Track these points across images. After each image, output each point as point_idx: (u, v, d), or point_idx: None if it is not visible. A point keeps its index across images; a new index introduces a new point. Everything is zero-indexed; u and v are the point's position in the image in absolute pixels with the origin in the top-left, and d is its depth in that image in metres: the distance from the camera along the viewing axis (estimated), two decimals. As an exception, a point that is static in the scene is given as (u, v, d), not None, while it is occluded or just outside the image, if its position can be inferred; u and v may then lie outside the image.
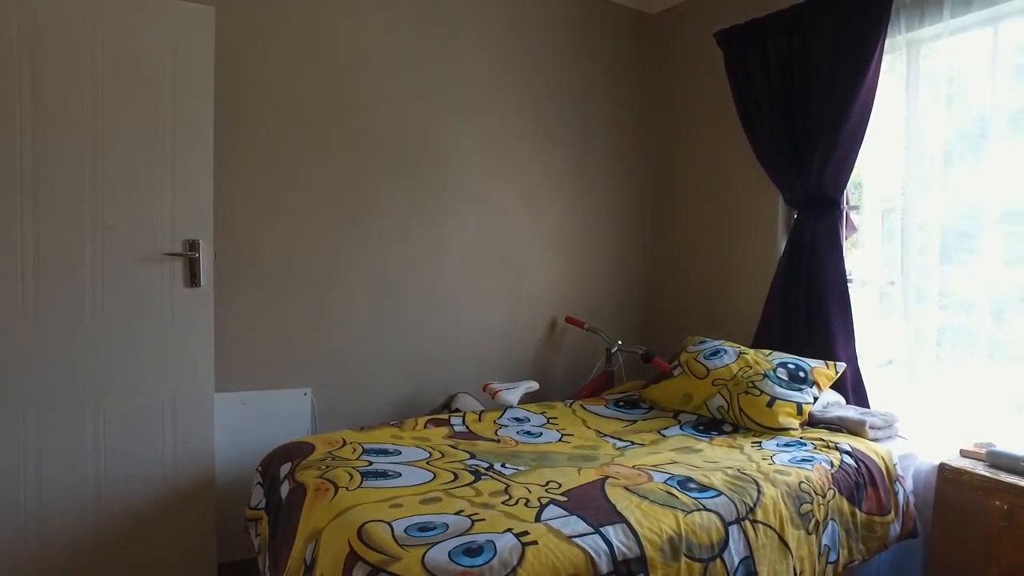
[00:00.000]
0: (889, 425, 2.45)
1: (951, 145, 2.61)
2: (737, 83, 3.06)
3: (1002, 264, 2.48)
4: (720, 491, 1.78)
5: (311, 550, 1.55)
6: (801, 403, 2.43)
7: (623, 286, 3.59)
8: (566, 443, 2.26)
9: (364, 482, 1.78)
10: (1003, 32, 2.38)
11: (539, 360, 3.30)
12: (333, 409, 2.74)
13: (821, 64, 2.71)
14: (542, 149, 3.28)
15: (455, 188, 3.02)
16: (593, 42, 3.44)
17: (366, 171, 2.80)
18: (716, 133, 3.31)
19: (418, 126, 2.91)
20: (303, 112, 2.65)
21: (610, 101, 3.51)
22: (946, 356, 2.64)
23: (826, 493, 1.98)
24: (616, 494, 1.71)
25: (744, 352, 2.67)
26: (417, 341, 2.95)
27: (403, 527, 1.50)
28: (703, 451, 2.17)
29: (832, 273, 2.73)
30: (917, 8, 2.52)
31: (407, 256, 2.91)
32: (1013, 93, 2.46)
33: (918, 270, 2.59)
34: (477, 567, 1.34)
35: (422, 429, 2.37)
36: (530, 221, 3.26)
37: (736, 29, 3.03)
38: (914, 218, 2.60)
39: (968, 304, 2.52)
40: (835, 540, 1.97)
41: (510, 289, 3.21)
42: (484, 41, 3.08)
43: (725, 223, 3.30)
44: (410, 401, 2.95)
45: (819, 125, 2.72)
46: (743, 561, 1.69)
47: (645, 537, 1.54)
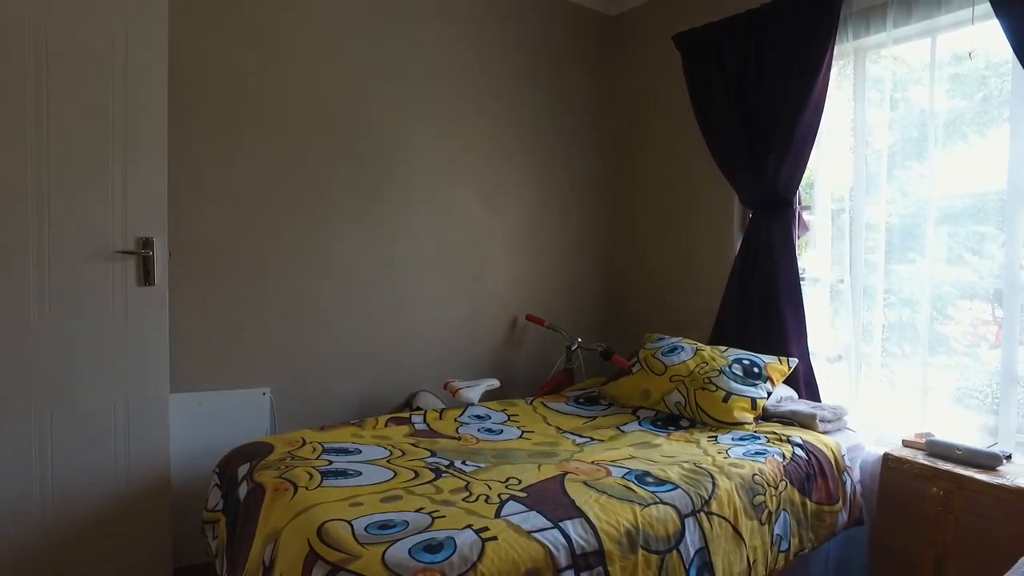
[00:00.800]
0: (838, 418, 2.54)
1: (896, 148, 2.72)
2: (694, 85, 3.13)
3: (944, 263, 2.60)
4: (676, 485, 1.83)
5: (270, 551, 1.54)
6: (755, 398, 2.50)
7: (583, 284, 3.63)
8: (526, 440, 2.29)
9: (324, 481, 1.77)
10: (940, 43, 2.50)
11: (500, 358, 3.32)
12: (293, 409, 2.71)
13: (774, 68, 2.79)
14: (503, 148, 3.30)
15: (415, 186, 3.02)
16: (553, 42, 3.46)
17: (325, 168, 2.77)
18: (674, 134, 3.37)
19: (378, 124, 2.90)
20: (261, 108, 2.61)
21: (570, 101, 3.54)
22: (892, 351, 2.75)
23: (778, 485, 2.04)
24: (575, 489, 1.74)
25: (701, 349, 2.73)
26: (378, 340, 2.94)
27: (363, 525, 1.50)
28: (661, 446, 2.21)
29: (785, 271, 2.81)
30: (863, 17, 2.62)
31: (367, 254, 2.89)
32: (949, 100, 2.57)
33: (866, 268, 2.69)
34: (437, 563, 1.35)
35: (383, 428, 2.36)
36: (491, 219, 3.27)
37: (693, 32, 3.10)
38: (862, 218, 2.70)
39: (912, 301, 2.62)
40: (787, 530, 2.04)
41: (471, 287, 3.22)
42: (445, 39, 3.08)
43: (683, 223, 3.37)
44: (371, 400, 2.93)
45: (773, 127, 2.80)
46: (698, 552, 1.73)
47: (603, 531, 1.57)
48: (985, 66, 2.46)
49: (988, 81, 2.47)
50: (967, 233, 2.56)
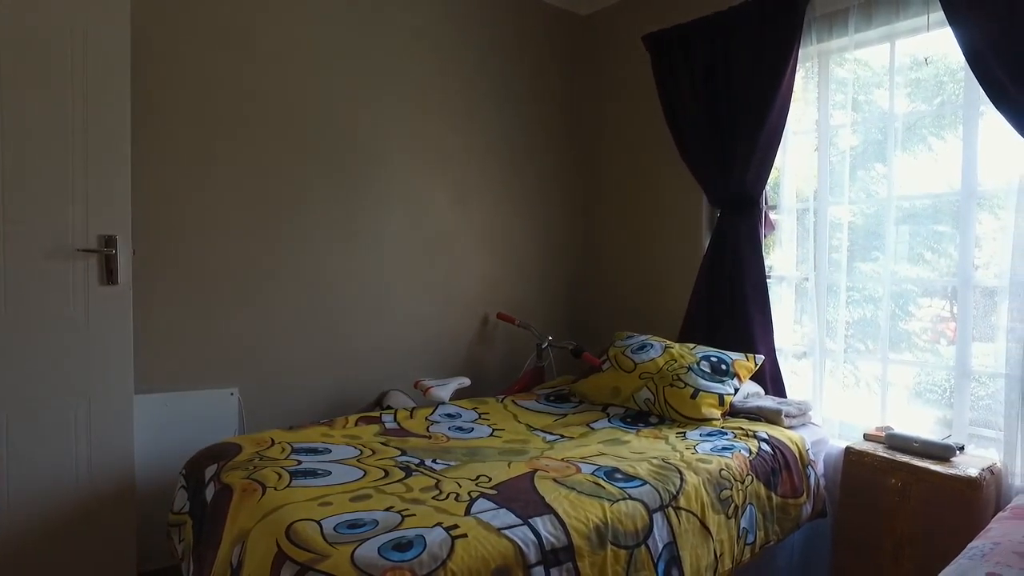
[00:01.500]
0: (803, 413, 2.60)
1: (859, 150, 2.79)
2: (663, 85, 3.16)
3: (905, 262, 2.67)
4: (645, 480, 1.85)
5: (238, 552, 1.53)
6: (723, 394, 2.55)
7: (554, 283, 3.65)
8: (497, 438, 2.29)
9: (293, 481, 1.76)
10: (899, 48, 2.56)
11: (471, 356, 3.32)
12: (261, 409, 2.68)
13: (741, 69, 2.83)
14: (474, 147, 3.30)
15: (386, 184, 3.00)
16: (525, 41, 3.47)
17: (294, 166, 2.74)
18: (644, 134, 3.40)
19: (348, 122, 2.87)
20: (232, 107, 2.57)
21: (541, 100, 3.56)
22: (855, 347, 2.82)
23: (744, 479, 2.08)
24: (545, 486, 1.76)
25: (670, 346, 2.77)
26: (348, 339, 2.92)
27: (332, 525, 1.49)
28: (630, 442, 2.24)
29: (752, 270, 2.86)
30: (827, 21, 2.67)
31: (337, 252, 2.87)
32: (910, 104, 2.65)
33: (830, 267, 2.75)
34: (407, 561, 1.35)
35: (353, 427, 2.35)
36: (462, 218, 3.27)
37: (662, 33, 3.13)
38: (826, 217, 2.75)
39: (875, 299, 2.69)
40: (753, 523, 2.08)
41: (442, 286, 3.21)
42: (416, 37, 3.07)
43: (652, 222, 3.40)
44: (341, 399, 2.91)
45: (740, 128, 2.84)
46: (667, 546, 1.76)
47: (572, 527, 1.58)
48: (943, 72, 2.54)
49: (946, 86, 2.55)
50: (927, 232, 2.64)
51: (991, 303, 2.32)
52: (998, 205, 2.33)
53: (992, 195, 2.37)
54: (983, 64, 2.16)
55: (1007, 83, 2.10)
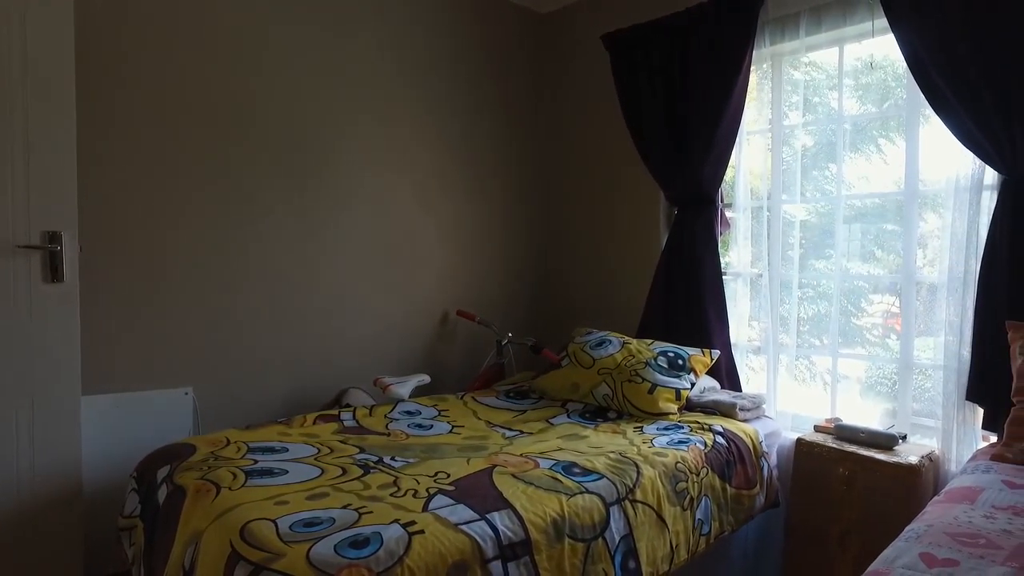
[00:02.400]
0: (757, 406, 2.66)
1: (813, 150, 2.87)
2: (622, 84, 3.20)
3: (857, 259, 2.77)
4: (602, 474, 1.88)
5: (190, 554, 1.50)
6: (680, 389, 2.59)
7: (514, 280, 3.67)
8: (456, 434, 2.30)
9: (248, 481, 1.74)
10: (847, 53, 2.65)
11: (431, 353, 3.31)
12: (217, 408, 2.63)
13: (698, 70, 2.89)
14: (434, 145, 3.29)
15: (346, 183, 2.97)
16: (485, 39, 3.47)
17: (251, 163, 2.69)
18: (603, 132, 3.44)
19: (307, 118, 2.83)
20: (184, 100, 2.51)
21: (502, 98, 3.56)
22: (809, 342, 2.90)
23: (700, 471, 2.13)
24: (503, 481, 1.77)
25: (628, 342, 2.81)
26: (306, 336, 2.88)
27: (288, 524, 1.48)
28: (588, 437, 2.27)
29: (708, 266, 2.92)
30: (779, 24, 2.74)
31: (295, 250, 2.83)
32: (859, 106, 2.74)
33: (784, 264, 2.82)
34: (363, 559, 1.35)
35: (311, 425, 2.32)
36: (422, 215, 3.26)
37: (621, 32, 3.16)
38: (779, 216, 2.83)
39: (828, 295, 2.77)
40: (708, 514, 2.13)
41: (402, 283, 3.20)
42: (377, 35, 3.04)
43: (611, 219, 3.44)
44: (300, 398, 2.88)
45: (696, 127, 2.89)
46: (623, 539, 1.79)
47: (530, 521, 1.60)
48: (891, 76, 2.63)
49: (894, 90, 2.64)
50: (877, 231, 2.73)
51: (935, 298, 2.42)
52: (941, 205, 2.42)
53: (934, 195, 2.47)
54: (923, 70, 2.25)
55: (945, 90, 2.19)
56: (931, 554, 1.22)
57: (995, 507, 1.44)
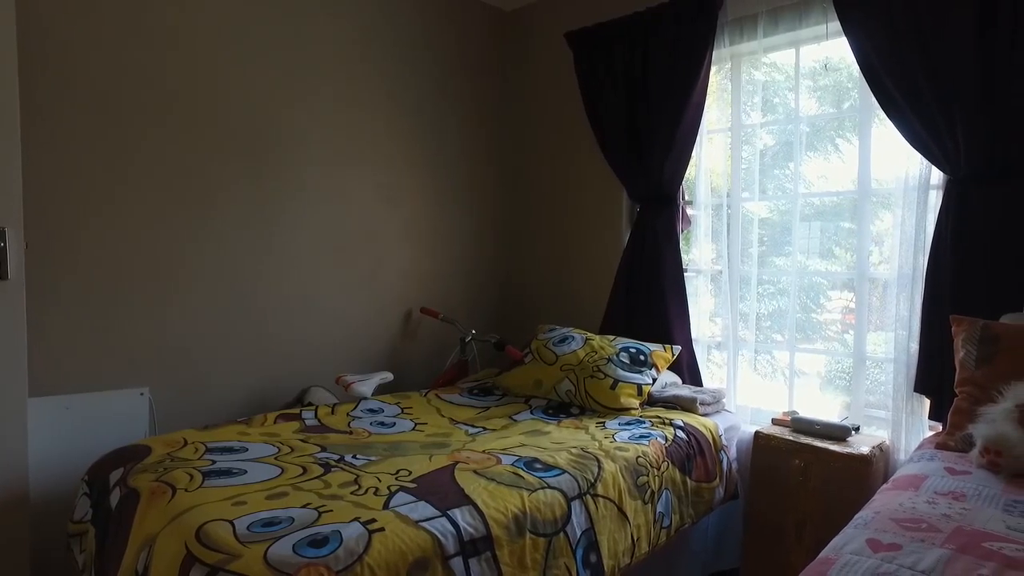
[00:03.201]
0: (717, 401, 2.71)
1: (774, 149, 2.93)
2: (585, 82, 3.22)
3: (816, 256, 2.84)
4: (564, 470, 1.89)
5: (144, 558, 1.47)
6: (641, 384, 2.63)
7: (478, 277, 3.67)
8: (419, 432, 2.29)
9: (206, 482, 1.71)
10: (803, 55, 2.70)
11: (395, 351, 3.29)
12: (175, 409, 2.57)
13: (659, 69, 2.92)
14: (398, 141, 3.26)
15: (308, 180, 2.93)
16: (449, 36, 3.46)
17: (210, 158, 2.63)
18: (567, 129, 3.45)
19: (268, 113, 2.78)
20: (139, 93, 2.43)
21: (466, 95, 3.56)
22: (769, 338, 2.96)
23: (660, 465, 2.16)
24: (465, 478, 1.77)
25: (591, 338, 2.83)
26: (267, 335, 2.84)
27: (246, 524, 1.46)
28: (551, 433, 2.28)
29: (670, 263, 2.96)
30: (738, 25, 2.79)
31: (255, 246, 2.78)
32: (818, 107, 2.81)
33: (745, 261, 2.87)
34: (322, 557, 1.34)
35: (272, 425, 2.29)
36: (386, 212, 3.23)
37: (584, 31, 3.18)
38: (741, 213, 2.87)
39: (788, 291, 2.83)
40: (668, 507, 2.16)
41: (365, 280, 3.17)
42: (340, 30, 3.00)
43: (574, 217, 3.46)
44: (261, 397, 2.83)
45: (657, 125, 2.93)
46: (584, 533, 1.81)
47: (491, 517, 1.60)
48: (848, 78, 2.69)
49: (851, 92, 2.70)
50: (836, 229, 2.80)
51: (887, 294, 2.49)
52: (894, 203, 2.49)
53: (888, 194, 2.53)
54: (874, 74, 2.31)
55: (895, 93, 2.25)
56: (877, 539, 1.26)
57: (937, 493, 1.50)
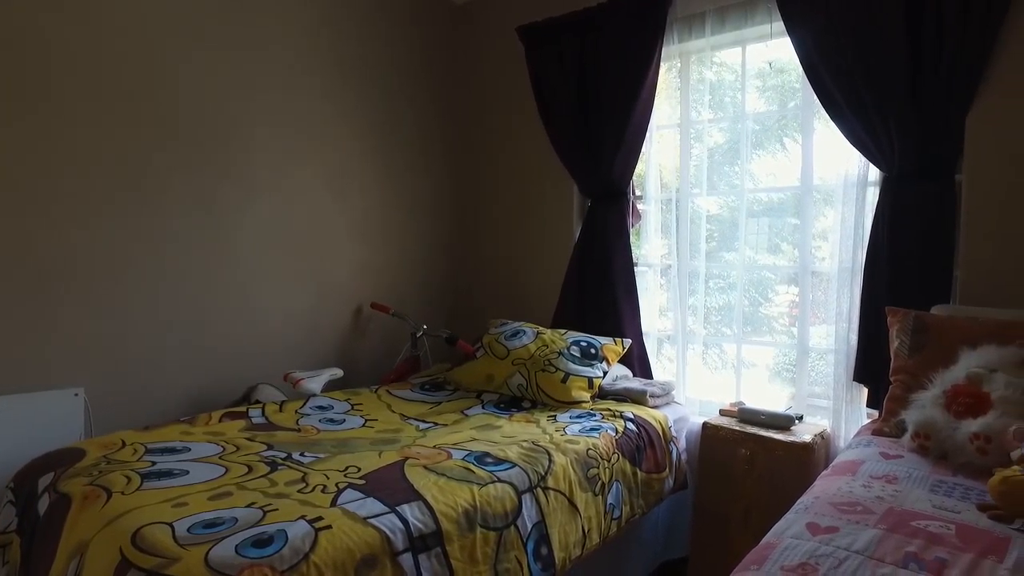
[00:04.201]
0: (667, 393, 2.76)
1: (722, 146, 2.99)
2: (536, 77, 3.22)
3: (765, 251, 2.90)
4: (514, 463, 1.89)
5: (74, 566, 1.41)
6: (592, 377, 2.65)
7: (429, 272, 3.64)
8: (369, 428, 2.26)
9: (144, 484, 1.65)
10: (749, 54, 2.76)
11: (345, 347, 3.24)
12: (112, 410, 2.46)
13: (609, 65, 2.94)
14: (347, 133, 3.20)
15: (254, 172, 2.85)
16: (401, 29, 3.41)
17: (145, 148, 2.52)
18: (518, 124, 3.45)
19: (208, 101, 2.69)
20: (71, 79, 2.32)
21: (417, 88, 3.52)
22: (718, 331, 3.02)
23: (611, 457, 2.19)
24: (414, 474, 1.75)
25: (542, 332, 2.84)
26: (212, 331, 2.75)
27: (186, 526, 1.41)
28: (502, 427, 2.28)
29: (620, 258, 2.99)
30: (687, 23, 2.83)
31: (198, 240, 2.69)
32: (766, 105, 2.87)
33: (694, 256, 2.91)
34: (266, 557, 1.30)
35: (217, 423, 2.24)
36: (334, 206, 3.17)
37: (535, 26, 3.18)
38: (690, 209, 2.92)
39: (736, 286, 2.88)
40: (619, 498, 2.18)
41: (313, 275, 3.10)
42: (287, 19, 2.93)
43: (526, 211, 3.47)
44: (206, 395, 2.75)
45: (608, 121, 2.95)
46: (535, 526, 1.81)
47: (441, 512, 1.59)
48: (796, 78, 2.76)
49: (798, 91, 2.76)
50: (783, 224, 2.87)
51: (830, 288, 2.56)
52: (836, 200, 2.56)
53: (830, 191, 2.59)
54: (816, 74, 2.38)
55: (835, 93, 2.32)
56: (816, 523, 1.30)
57: (872, 477, 1.56)
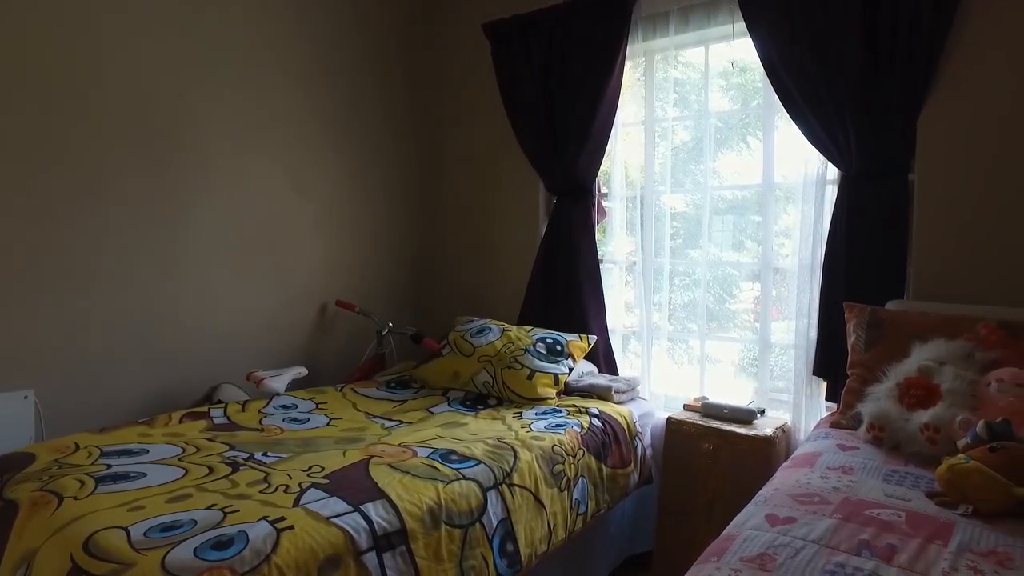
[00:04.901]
0: (632, 388, 2.78)
1: (688, 144, 3.02)
2: (502, 74, 3.21)
3: (730, 248, 2.94)
4: (479, 460, 1.89)
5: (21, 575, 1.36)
6: (558, 374, 2.66)
7: (395, 269, 3.61)
8: (334, 427, 2.24)
9: (99, 488, 1.61)
10: (712, 53, 2.79)
11: (309, 346, 3.19)
12: (66, 413, 2.39)
13: (574, 62, 2.95)
14: (310, 128, 3.15)
15: (215, 168, 2.78)
16: (365, 22, 3.37)
17: (96, 143, 2.44)
18: (485, 120, 3.43)
19: (163, 93, 2.62)
20: (8, 70, 2.24)
21: (382, 84, 3.48)
22: (684, 327, 3.06)
23: (576, 453, 2.20)
24: (379, 472, 1.74)
25: (508, 329, 2.85)
26: (171, 330, 2.68)
27: (143, 530, 1.38)
28: (468, 424, 2.28)
29: (586, 254, 3.00)
30: (651, 22, 2.85)
31: (154, 237, 2.62)
32: (731, 104, 2.91)
33: (660, 252, 2.93)
34: (226, 560, 1.28)
35: (176, 424, 2.19)
36: (298, 202, 3.12)
37: (502, 22, 3.17)
38: (656, 206, 2.94)
39: (701, 282, 2.92)
40: (584, 494, 2.20)
41: (277, 272, 3.05)
42: (248, 5, 2.87)
43: (492, 208, 3.46)
44: (166, 396, 2.68)
45: (573, 118, 2.96)
46: (501, 522, 1.81)
47: (405, 510, 1.59)
48: (759, 77, 2.79)
49: (761, 91, 2.80)
50: (747, 222, 2.92)
51: (791, 284, 2.61)
52: (797, 198, 2.60)
53: (792, 188, 2.64)
54: (777, 74, 2.42)
55: (795, 94, 2.37)
56: (775, 514, 1.33)
57: (829, 468, 1.60)
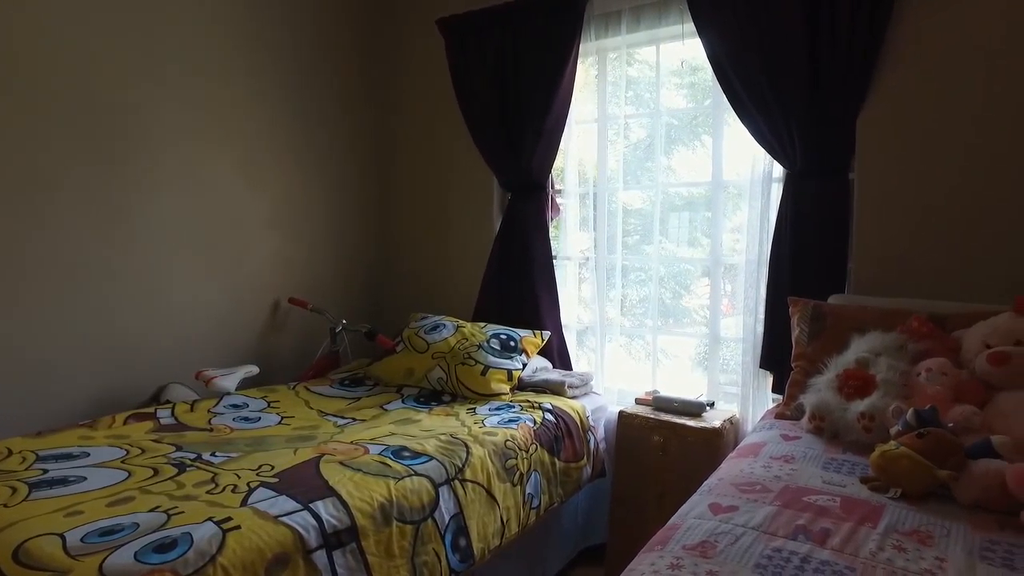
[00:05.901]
0: (585, 383, 2.81)
1: (644, 141, 3.06)
2: (456, 70, 3.21)
3: (686, 244, 3.00)
4: (432, 456, 1.90)
5: (-54, 587, 1.31)
6: (512, 370, 2.68)
7: (348, 266, 3.57)
8: (286, 426, 2.21)
9: (33, 494, 1.56)
10: (663, 53, 2.84)
11: (261, 344, 3.14)
12: (2, 417, 2.30)
13: (528, 59, 2.96)
14: (264, 123, 3.09)
15: (162, 163, 2.70)
16: (321, 16, 3.32)
17: (38, 137, 2.35)
18: (440, 115, 3.42)
19: (110, 85, 2.53)
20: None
21: (337, 78, 3.43)
22: (639, 323, 3.11)
23: (529, 448, 2.22)
24: (329, 470, 1.73)
25: (462, 325, 2.85)
26: (116, 328, 2.60)
27: (80, 536, 1.35)
28: (421, 421, 2.28)
29: (539, 251, 3.02)
30: (603, 20, 2.88)
31: (98, 233, 2.53)
32: (685, 103, 2.96)
33: (613, 249, 2.97)
34: (168, 562, 1.26)
35: (121, 426, 2.13)
36: (250, 198, 3.06)
37: (455, 18, 3.17)
38: (609, 203, 2.98)
39: (655, 278, 2.96)
40: (537, 488, 2.22)
41: (227, 269, 2.99)
42: (199, 5, 2.80)
43: (446, 204, 3.45)
44: (110, 397, 2.60)
45: (526, 115, 2.97)
46: (453, 518, 1.82)
47: (356, 507, 1.58)
48: (712, 76, 2.85)
49: (713, 90, 2.86)
50: (701, 219, 2.97)
51: (739, 279, 2.67)
52: (746, 195, 2.67)
53: (741, 186, 2.70)
54: (724, 74, 2.47)
55: (742, 93, 2.43)
56: (718, 503, 1.37)
57: (772, 458, 1.65)
